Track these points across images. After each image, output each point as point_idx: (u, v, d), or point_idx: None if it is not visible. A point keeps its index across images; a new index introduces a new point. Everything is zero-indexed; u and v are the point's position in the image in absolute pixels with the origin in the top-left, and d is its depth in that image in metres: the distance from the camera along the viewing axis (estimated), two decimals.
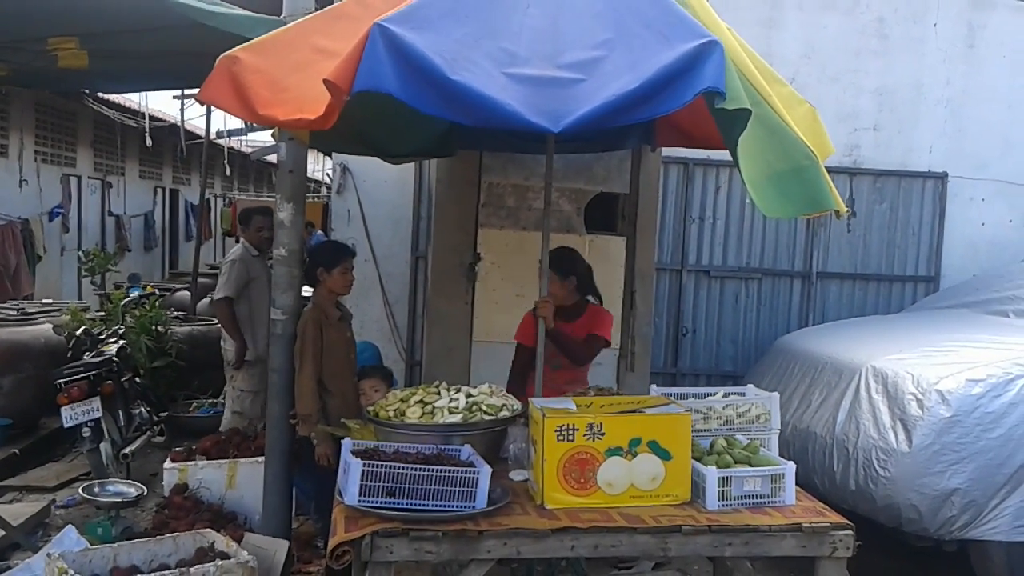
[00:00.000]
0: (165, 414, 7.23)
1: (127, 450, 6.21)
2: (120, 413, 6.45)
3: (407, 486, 2.83)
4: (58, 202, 12.85)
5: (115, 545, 4.05)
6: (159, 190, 17.96)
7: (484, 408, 3.41)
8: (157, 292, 10.16)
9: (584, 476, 2.99)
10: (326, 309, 4.25)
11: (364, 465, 2.81)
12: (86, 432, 5.87)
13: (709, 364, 7.66)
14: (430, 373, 5.37)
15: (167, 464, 5.56)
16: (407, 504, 2.82)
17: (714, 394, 3.95)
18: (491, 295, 5.50)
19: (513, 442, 3.42)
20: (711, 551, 2.87)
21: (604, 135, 5.06)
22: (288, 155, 3.98)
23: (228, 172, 18.11)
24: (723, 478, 3.03)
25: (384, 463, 2.83)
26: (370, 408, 3.54)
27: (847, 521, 2.94)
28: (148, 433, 6.80)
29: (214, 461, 5.56)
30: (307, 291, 4.50)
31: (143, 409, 6.93)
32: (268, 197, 22.33)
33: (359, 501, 2.80)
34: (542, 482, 2.99)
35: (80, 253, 10.69)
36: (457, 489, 2.86)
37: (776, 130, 3.05)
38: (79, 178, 13.71)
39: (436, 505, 2.83)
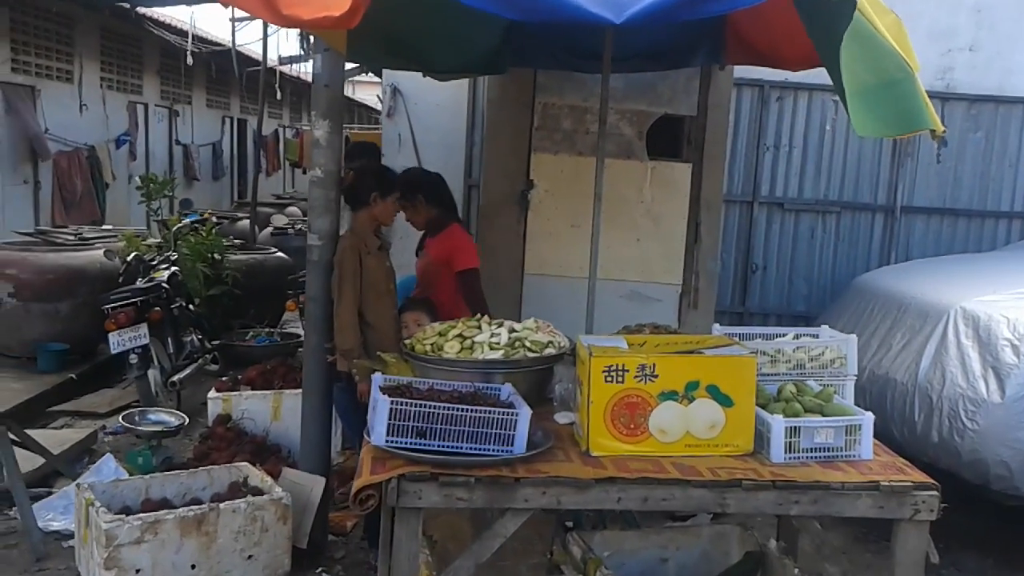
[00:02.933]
0: (219, 342, 7.17)
1: (176, 378, 6.20)
2: (169, 340, 6.45)
3: (439, 427, 2.60)
4: (125, 129, 12.92)
5: (147, 477, 3.97)
6: (227, 120, 17.99)
7: (528, 344, 3.15)
8: (215, 219, 10.13)
9: (634, 421, 2.72)
10: (365, 237, 4.01)
11: (392, 403, 2.59)
12: (133, 359, 5.88)
13: (780, 303, 7.27)
14: None
15: (211, 394, 5.51)
16: (439, 446, 2.59)
17: (784, 335, 3.63)
18: (544, 225, 5.21)
19: (559, 382, 3.16)
20: (775, 509, 2.59)
21: (668, 50, 4.67)
22: (323, 67, 3.70)
23: (279, 96, 17.94)
24: (791, 428, 2.72)
25: (414, 401, 2.60)
26: (407, 341, 3.31)
27: (931, 480, 2.61)
28: (200, 361, 6.78)
29: (259, 392, 5.51)
30: None
31: (195, 337, 6.93)
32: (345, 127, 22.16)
33: (386, 441, 2.59)
34: (588, 427, 2.73)
35: (137, 178, 10.68)
36: (493, 431, 2.62)
37: (867, 38, 2.64)
38: (145, 106, 13.80)
39: (470, 448, 2.60)
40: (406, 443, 2.59)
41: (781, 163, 7.10)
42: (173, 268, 6.98)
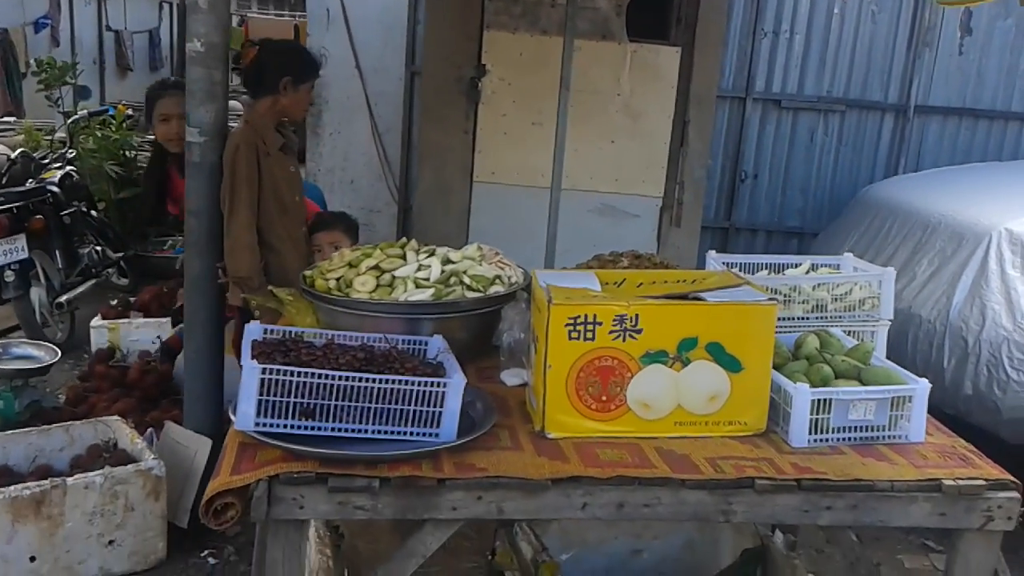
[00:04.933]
0: (129, 253, 6.64)
1: (65, 298, 5.54)
2: (58, 253, 5.76)
3: (333, 402, 1.93)
4: (44, 12, 11.98)
5: None
6: (165, 5, 16.93)
7: (467, 280, 2.48)
8: (131, 112, 9.32)
9: (608, 392, 2.09)
10: (264, 132, 3.27)
11: (264, 371, 1.90)
12: (9, 276, 5.20)
13: (771, 217, 6.66)
14: (420, 223, 4.49)
15: (94, 321, 4.86)
16: (332, 430, 1.93)
17: (796, 265, 3.00)
18: (499, 122, 4.51)
19: (508, 330, 2.48)
20: (799, 517, 1.98)
21: None
22: None
23: None
24: (819, 401, 2.10)
25: (294, 369, 1.91)
26: (306, 274, 2.61)
27: (1008, 475, 2.02)
28: (100, 277, 6.19)
29: (154, 319, 4.91)
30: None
31: (94, 248, 6.31)
32: (288, 16, 20.97)
33: (256, 424, 1.91)
34: (544, 399, 2.08)
35: (32, 62, 9.67)
36: (412, 408, 1.96)
37: None
38: None
39: (378, 432, 1.95)
40: (284, 427, 1.92)
41: (780, 52, 6.40)
42: (68, 168, 6.24)
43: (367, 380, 1.94)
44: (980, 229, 3.74)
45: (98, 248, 6.46)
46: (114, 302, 5.37)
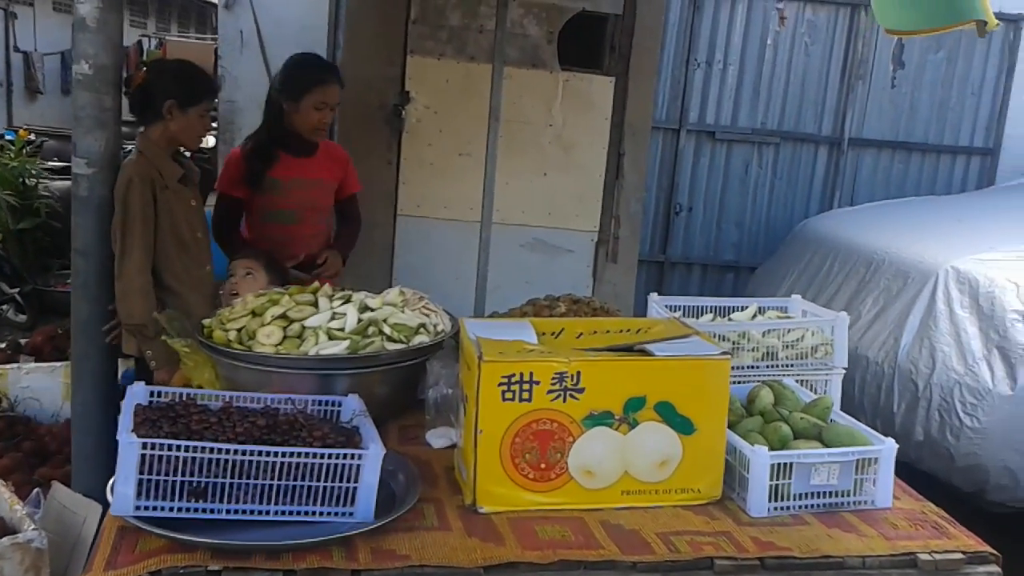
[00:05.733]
0: (27, 288, 6.42)
1: None
2: None
3: (227, 480, 1.68)
4: None
5: None
6: None
7: (387, 331, 2.25)
8: (33, 137, 8.93)
9: (547, 459, 1.88)
10: (159, 163, 2.99)
11: (145, 446, 1.64)
12: None
13: (706, 251, 6.59)
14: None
15: None
16: (227, 512, 1.68)
17: (741, 309, 2.87)
18: (424, 152, 4.30)
19: (435, 384, 2.26)
20: None
21: None
22: None
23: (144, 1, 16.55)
24: (780, 466, 1.93)
25: (180, 443, 1.66)
26: (205, 323, 2.35)
27: (987, 547, 1.87)
28: None
29: (47, 364, 4.48)
30: None
31: None
32: (210, 39, 20.58)
33: (136, 508, 1.65)
34: (474, 469, 1.86)
35: None
36: (321, 485, 1.72)
37: None
38: None
39: (283, 512, 1.71)
40: (170, 510, 1.66)
41: (713, 84, 6.37)
42: None
43: (267, 454, 1.70)
44: (926, 267, 3.67)
45: None
46: (2, 345, 5.00)
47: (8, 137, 8.77)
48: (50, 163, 7.87)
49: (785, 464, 1.94)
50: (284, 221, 3.43)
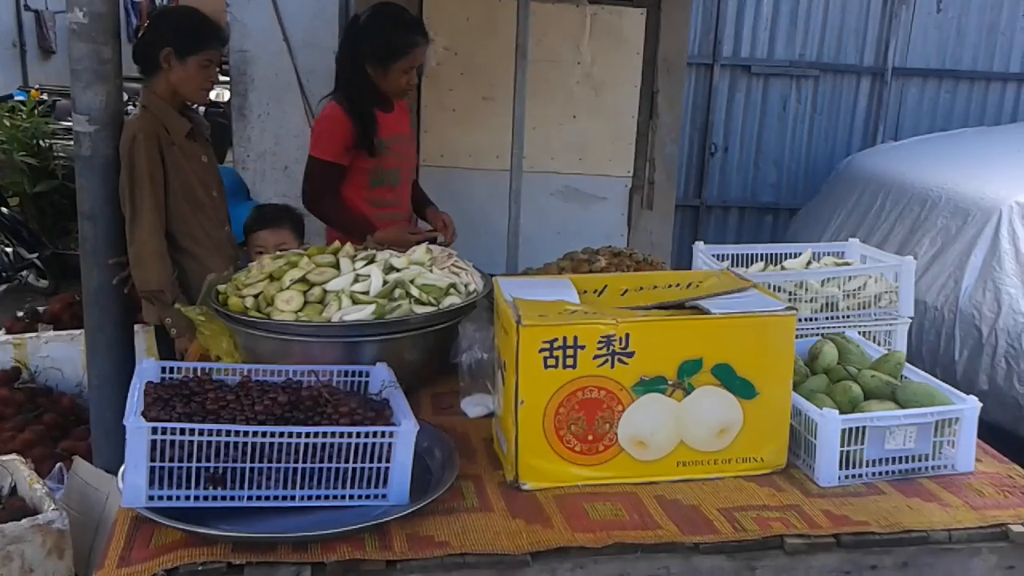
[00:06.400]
0: (47, 253, 6.41)
1: None
2: None
3: (247, 465, 1.55)
4: None
5: None
6: None
7: (415, 293, 2.10)
8: (46, 97, 8.83)
9: (595, 430, 1.74)
10: (165, 118, 2.84)
11: (154, 429, 1.51)
12: None
13: (743, 193, 6.37)
14: None
15: None
16: (248, 498, 1.55)
17: (794, 255, 2.70)
18: (446, 98, 4.12)
19: (468, 348, 2.11)
20: None
21: None
22: None
23: None
24: (852, 430, 1.77)
25: (192, 427, 1.52)
26: (220, 288, 2.21)
27: None
28: (13, 280, 6.17)
29: (66, 331, 4.40)
30: None
31: (5, 249, 6.24)
32: None
33: (149, 499, 1.52)
34: (515, 442, 1.72)
35: None
36: (350, 466, 1.59)
37: None
38: None
39: (308, 498, 1.58)
40: (186, 499, 1.54)
41: (748, 14, 6.11)
42: None
43: (290, 435, 1.56)
44: (987, 203, 3.46)
45: (7, 249, 6.10)
46: (20, 313, 4.91)
47: (19, 98, 8.68)
48: (64, 122, 7.77)
49: (856, 428, 1.78)
50: (392, 183, 3.23)
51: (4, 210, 6.54)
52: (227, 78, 5.91)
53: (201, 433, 1.53)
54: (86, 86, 2.69)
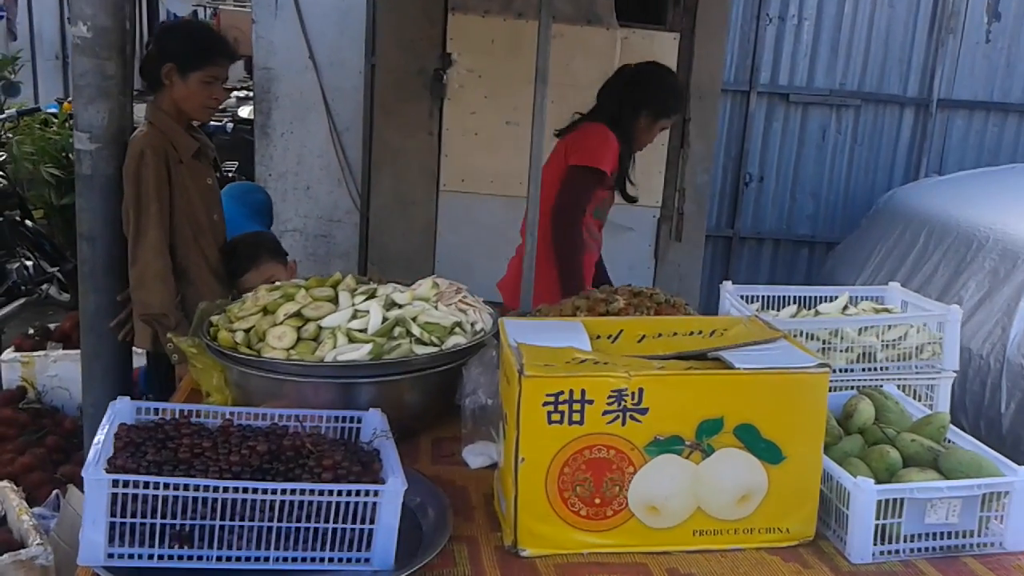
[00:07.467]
0: (68, 267, 6.33)
1: None
2: None
3: (217, 522, 1.43)
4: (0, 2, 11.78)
5: None
6: None
7: (416, 332, 1.97)
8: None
9: (603, 493, 1.60)
10: (172, 135, 2.77)
11: (115, 482, 1.39)
12: None
13: (779, 225, 6.23)
14: (378, 239, 4.01)
15: (5, 354, 4.43)
16: (217, 559, 1.43)
17: (830, 299, 2.55)
18: (468, 121, 4.06)
19: (471, 393, 1.98)
20: None
21: None
22: None
23: None
24: (890, 502, 1.61)
25: (156, 480, 1.40)
26: (214, 320, 2.11)
27: None
28: (34, 294, 6.00)
29: (75, 351, 4.34)
30: None
31: (25, 262, 6.11)
32: None
33: (108, 556, 1.41)
34: (515, 503, 1.58)
35: None
36: (332, 527, 1.47)
37: None
38: None
39: (283, 560, 1.46)
40: (148, 557, 1.42)
41: (787, 41, 6.00)
42: None
43: (263, 491, 1.44)
44: None
45: (28, 263, 6.10)
46: (31, 330, 4.88)
47: (51, 110, 8.76)
48: None
49: (894, 500, 1.62)
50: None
51: (28, 223, 6.57)
52: (246, 94, 5.89)
53: (166, 487, 1.41)
54: (88, 102, 2.62)
